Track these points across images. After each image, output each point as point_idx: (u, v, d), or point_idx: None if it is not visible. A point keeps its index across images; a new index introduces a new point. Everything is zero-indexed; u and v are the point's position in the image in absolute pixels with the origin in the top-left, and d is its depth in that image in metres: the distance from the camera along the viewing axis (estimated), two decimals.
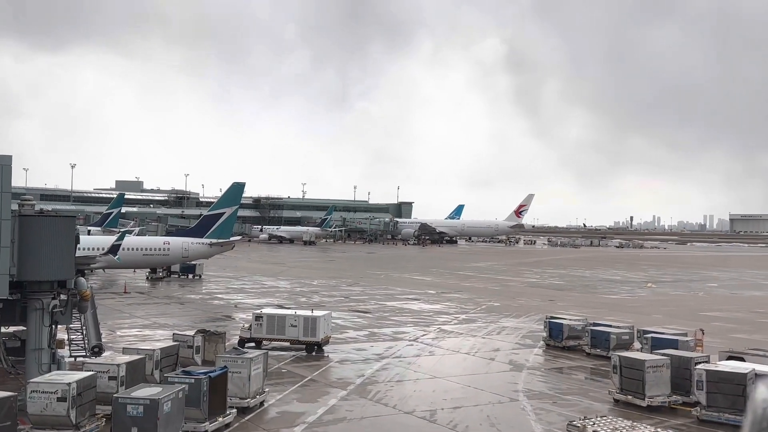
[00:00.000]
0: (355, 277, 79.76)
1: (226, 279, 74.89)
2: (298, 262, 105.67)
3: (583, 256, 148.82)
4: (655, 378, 25.97)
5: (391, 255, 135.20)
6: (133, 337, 38.15)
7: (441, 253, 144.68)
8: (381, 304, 56.11)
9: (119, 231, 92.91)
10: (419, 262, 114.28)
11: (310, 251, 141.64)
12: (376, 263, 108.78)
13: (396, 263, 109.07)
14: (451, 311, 52.79)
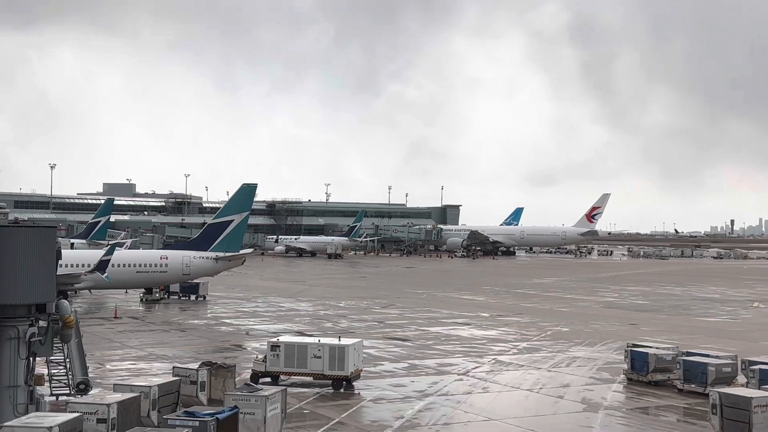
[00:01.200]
0: (390, 298, 79.74)
1: (235, 301, 75.51)
2: (321, 280, 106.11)
3: (672, 269, 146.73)
4: (764, 420, 25.48)
5: (434, 270, 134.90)
6: (126, 372, 38.63)
7: (495, 267, 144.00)
8: (423, 330, 55.99)
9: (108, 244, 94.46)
10: (469, 278, 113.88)
11: (335, 266, 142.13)
12: (416, 280, 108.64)
13: (440, 280, 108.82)
14: (510, 338, 52.43)
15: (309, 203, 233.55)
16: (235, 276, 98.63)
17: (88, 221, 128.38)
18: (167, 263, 70.96)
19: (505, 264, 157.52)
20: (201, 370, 31.15)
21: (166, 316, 63.11)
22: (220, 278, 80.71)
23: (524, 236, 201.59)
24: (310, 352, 35.46)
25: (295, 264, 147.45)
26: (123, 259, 71.03)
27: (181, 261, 70.98)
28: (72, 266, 65.51)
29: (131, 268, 70.41)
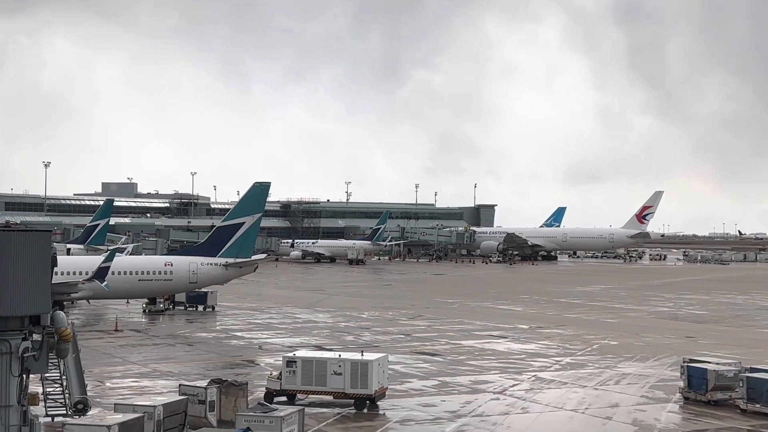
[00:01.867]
0: (418, 308, 79.68)
1: (247, 311, 75.82)
2: (341, 288, 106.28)
3: (734, 275, 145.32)
4: None
5: (467, 277, 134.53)
6: (128, 390, 38.91)
7: (535, 274, 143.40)
8: (454, 343, 55.87)
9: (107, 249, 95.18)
10: (505, 285, 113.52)
11: (357, 273, 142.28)
12: (446, 288, 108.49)
13: (474, 288, 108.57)
14: (551, 353, 52.17)
15: (327, 203, 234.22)
16: (247, 284, 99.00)
17: (86, 224, 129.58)
18: (172, 270, 71.38)
19: (546, 270, 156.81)
20: (210, 389, 31.29)
21: (172, 329, 63.48)
22: (230, 287, 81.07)
23: (567, 239, 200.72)
24: (330, 368, 35.50)
25: (312, 271, 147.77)
26: (124, 266, 71.57)
27: (187, 268, 71.37)
28: (68, 274, 66.08)
29: (133, 276, 70.92)
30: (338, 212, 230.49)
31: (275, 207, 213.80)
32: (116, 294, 69.96)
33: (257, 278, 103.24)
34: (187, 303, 75.89)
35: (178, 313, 73.61)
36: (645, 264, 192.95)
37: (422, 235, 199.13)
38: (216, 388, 31.55)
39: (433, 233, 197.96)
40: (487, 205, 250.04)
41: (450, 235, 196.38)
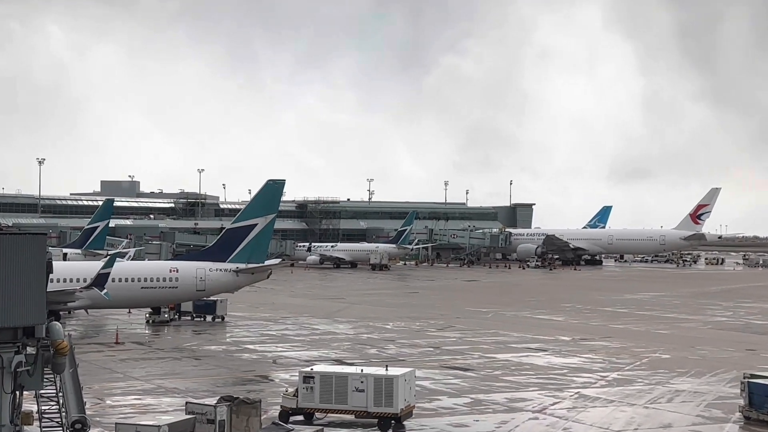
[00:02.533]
0: (448, 318, 79.61)
1: (259, 322, 76.08)
2: (364, 296, 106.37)
3: None
4: None
5: (502, 283, 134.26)
6: (130, 408, 39.16)
7: (578, 280, 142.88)
8: (489, 357, 55.77)
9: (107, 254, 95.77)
10: (545, 293, 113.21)
11: (381, 279, 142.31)
12: (480, 296, 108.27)
13: (510, 295, 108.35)
14: (596, 367, 51.96)
15: (348, 203, 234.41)
16: (260, 292, 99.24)
17: (84, 227, 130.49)
18: (178, 277, 71.70)
19: (590, 276, 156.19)
20: (220, 407, 31.40)
21: (177, 341, 63.79)
22: (241, 295, 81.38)
23: (613, 241, 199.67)
24: (351, 384, 35.53)
25: (331, 277, 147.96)
26: (125, 272, 71.97)
27: (194, 274, 71.66)
28: (65, 281, 66.58)
29: (135, 283, 71.33)
30: (359, 212, 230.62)
31: (290, 207, 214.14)
32: (117, 303, 70.40)
33: (271, 285, 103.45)
34: (194, 313, 76.21)
35: (184, 324, 73.98)
36: (700, 269, 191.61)
37: (452, 237, 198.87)
38: (226, 406, 31.66)
39: (465, 235, 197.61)
40: (524, 204, 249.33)
41: (483, 238, 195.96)
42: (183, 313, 76.44)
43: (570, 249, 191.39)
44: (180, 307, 76.10)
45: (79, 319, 76.81)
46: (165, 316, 74.39)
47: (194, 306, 75.99)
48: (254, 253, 72.88)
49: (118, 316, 77.34)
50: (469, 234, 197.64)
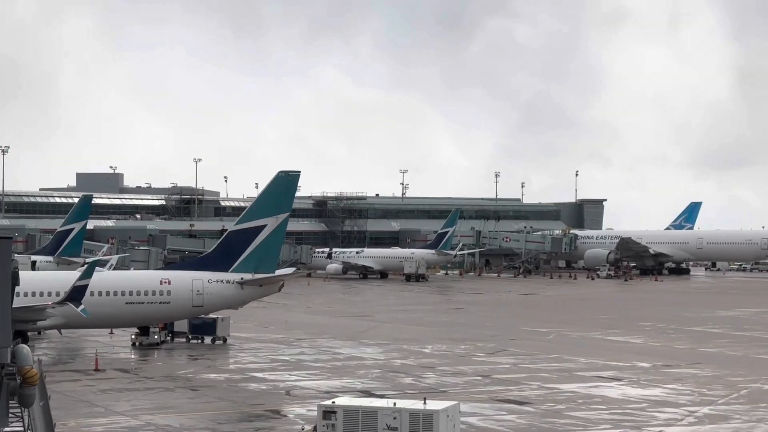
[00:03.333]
0: (501, 340, 79.40)
1: (269, 345, 76.22)
2: (396, 314, 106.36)
3: None
4: None
5: (565, 297, 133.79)
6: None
7: (659, 293, 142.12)
8: (550, 387, 55.53)
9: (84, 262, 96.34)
10: (619, 308, 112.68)
11: (417, 292, 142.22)
12: (539, 312, 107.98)
13: (576, 312, 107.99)
14: (683, 400, 51.59)
15: (376, 199, 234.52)
16: (270, 308, 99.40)
17: (56, 229, 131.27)
18: (170, 290, 71.92)
19: (674, 288, 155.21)
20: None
21: (170, 368, 64.00)
22: (247, 311, 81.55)
23: (703, 246, 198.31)
24: (382, 420, 35.51)
25: (356, 290, 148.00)
26: (106, 284, 72.22)
27: (190, 287, 71.87)
28: (34, 295, 66.97)
29: (118, 298, 71.58)
30: (391, 211, 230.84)
31: (306, 204, 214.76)
32: (97, 322, 70.69)
33: (283, 300, 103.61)
34: (190, 333, 76.44)
35: (178, 347, 74.22)
36: None
37: (505, 240, 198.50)
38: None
39: (520, 238, 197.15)
40: (592, 200, 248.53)
41: (543, 241, 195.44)
42: (176, 334, 76.65)
43: (649, 255, 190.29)
44: (173, 326, 76.34)
45: (51, 341, 77.27)
46: (155, 337, 74.54)
47: (190, 325, 76.19)
48: (263, 261, 72.98)
49: (97, 338, 77.71)
50: (525, 237, 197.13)
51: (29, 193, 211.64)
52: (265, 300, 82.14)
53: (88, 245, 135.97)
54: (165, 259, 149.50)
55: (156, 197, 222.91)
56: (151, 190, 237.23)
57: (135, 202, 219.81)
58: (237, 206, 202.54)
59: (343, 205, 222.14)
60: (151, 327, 74.30)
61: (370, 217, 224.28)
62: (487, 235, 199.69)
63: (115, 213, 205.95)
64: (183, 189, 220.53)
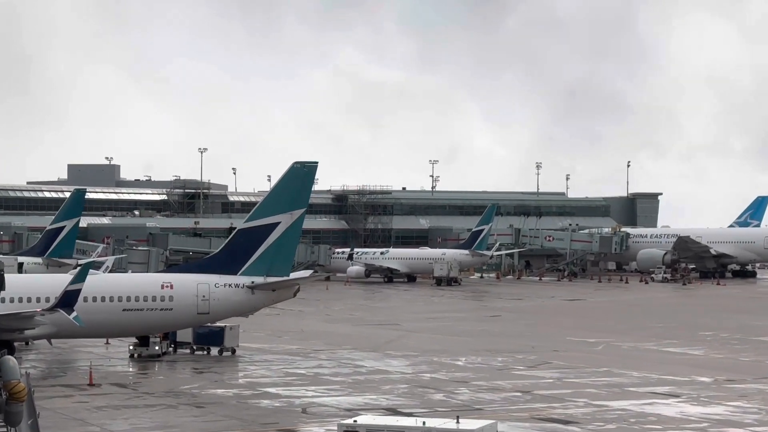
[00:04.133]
0: (542, 351, 79.20)
1: (284, 357, 76.26)
2: (425, 322, 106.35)
3: None
4: None
5: (615, 303, 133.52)
6: None
7: (722, 298, 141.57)
8: (598, 405, 55.37)
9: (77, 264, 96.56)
10: (676, 316, 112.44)
11: (449, 297, 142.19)
12: (585, 320, 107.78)
13: (628, 320, 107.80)
14: (748, 420, 51.27)
15: (403, 193, 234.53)
16: (284, 315, 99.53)
17: (46, 227, 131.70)
18: (172, 295, 72.02)
19: (739, 293, 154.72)
20: None
21: (172, 383, 64.10)
22: (258, 319, 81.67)
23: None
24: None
25: (381, 294, 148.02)
26: (101, 288, 72.32)
27: (194, 291, 71.95)
28: (20, 301, 67.16)
29: (115, 304, 71.74)
30: (419, 206, 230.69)
31: (325, 199, 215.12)
32: (91, 330, 70.73)
33: (299, 306, 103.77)
34: (195, 344, 76.47)
35: (181, 359, 74.34)
36: None
37: (547, 240, 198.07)
38: None
39: (565, 237, 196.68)
40: (646, 194, 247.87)
41: (590, 240, 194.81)
42: (179, 345, 76.75)
43: (711, 256, 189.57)
44: (175, 336, 76.47)
45: (40, 352, 77.52)
46: (155, 348, 74.71)
47: (195, 335, 76.31)
48: (276, 263, 72.99)
49: (92, 349, 77.88)
50: (570, 235, 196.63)
51: (15, 186, 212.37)
52: (279, 306, 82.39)
53: (81, 245, 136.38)
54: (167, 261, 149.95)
55: (156, 191, 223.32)
56: (150, 183, 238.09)
57: (133, 197, 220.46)
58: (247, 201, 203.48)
59: (366, 200, 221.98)
60: (151, 336, 74.51)
61: (396, 214, 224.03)
62: (527, 234, 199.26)
63: (111, 209, 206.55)
64: (186, 182, 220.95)
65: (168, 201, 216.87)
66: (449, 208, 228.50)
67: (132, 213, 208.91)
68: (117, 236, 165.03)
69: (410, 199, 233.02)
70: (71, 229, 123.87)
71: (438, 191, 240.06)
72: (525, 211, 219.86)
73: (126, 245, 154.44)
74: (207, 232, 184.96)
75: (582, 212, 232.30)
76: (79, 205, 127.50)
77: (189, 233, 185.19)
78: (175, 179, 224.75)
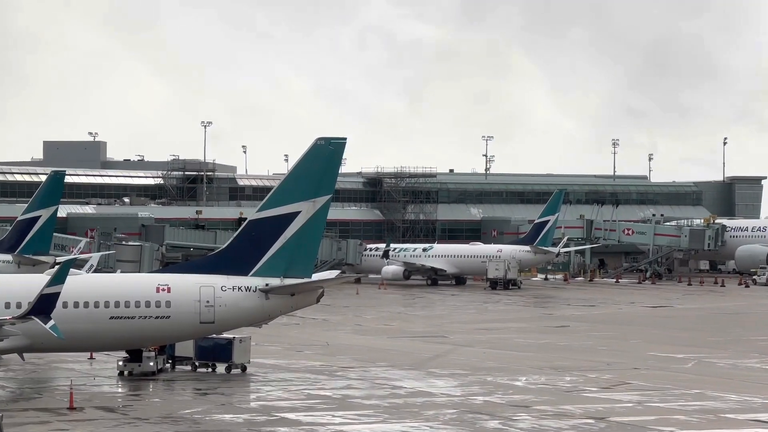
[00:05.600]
0: (620, 369, 79.17)
1: (305, 375, 76.48)
2: (476, 333, 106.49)
3: None
4: None
5: (710, 310, 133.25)
6: None
7: None
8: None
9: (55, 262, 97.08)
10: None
11: (506, 304, 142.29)
12: (672, 332, 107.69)
13: (724, 332, 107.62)
14: None
15: (451, 176, 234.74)
16: (305, 325, 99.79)
17: (17, 217, 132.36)
18: (170, 300, 72.19)
19: None
20: None
21: (170, 406, 64.38)
22: (274, 329, 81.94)
23: None
24: None
25: (423, 300, 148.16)
26: (85, 292, 72.55)
27: (196, 296, 72.10)
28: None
29: (100, 311, 71.87)
30: (470, 193, 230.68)
31: (355, 184, 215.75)
32: (71, 343, 70.89)
33: (323, 314, 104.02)
34: (198, 359, 76.89)
35: (180, 378, 74.68)
36: None
37: (626, 233, 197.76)
38: None
39: (647, 231, 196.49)
40: (746, 178, 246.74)
41: (678, 234, 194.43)
42: (179, 360, 77.26)
43: None
44: (173, 349, 76.89)
45: (10, 369, 77.96)
46: (149, 364, 75.07)
47: (197, 348, 76.70)
48: (295, 261, 73.05)
49: (73, 365, 78.36)
50: (654, 228, 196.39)
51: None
52: (299, 314, 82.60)
53: (59, 239, 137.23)
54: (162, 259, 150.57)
55: (150, 174, 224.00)
56: (143, 164, 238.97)
57: (122, 181, 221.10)
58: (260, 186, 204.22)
59: (405, 184, 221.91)
60: (144, 350, 74.90)
61: (442, 202, 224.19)
62: (601, 226, 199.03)
63: (96, 196, 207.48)
64: (187, 163, 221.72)
65: (164, 186, 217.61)
66: (506, 195, 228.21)
67: (121, 200, 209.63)
68: (103, 228, 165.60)
69: (459, 183, 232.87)
70: (48, 219, 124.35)
71: (493, 174, 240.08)
72: (599, 198, 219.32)
73: (114, 239, 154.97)
74: (211, 223, 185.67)
75: (668, 200, 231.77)
76: (57, 190, 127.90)
77: (190, 225, 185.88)
78: (172, 159, 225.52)
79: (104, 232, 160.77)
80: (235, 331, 75.79)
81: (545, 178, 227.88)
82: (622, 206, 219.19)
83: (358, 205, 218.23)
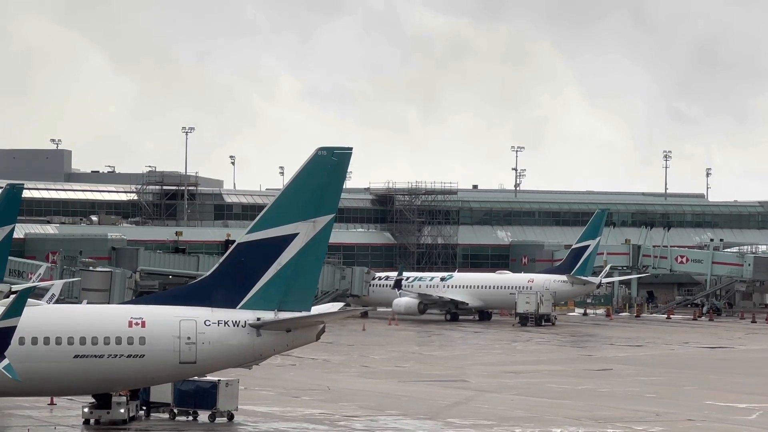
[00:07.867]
0: (671, 419, 79.26)
1: (302, 425, 76.71)
2: (504, 377, 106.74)
3: None
4: None
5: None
6: None
7: None
8: None
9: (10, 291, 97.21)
10: None
11: (539, 343, 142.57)
12: (733, 377, 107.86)
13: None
14: None
15: (474, 193, 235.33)
16: (303, 366, 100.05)
17: None
18: (144, 336, 72.41)
19: None
20: None
21: None
22: (267, 371, 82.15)
23: None
24: None
25: (441, 338, 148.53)
26: (45, 326, 72.83)
27: (176, 331, 72.31)
28: None
29: (63, 348, 72.09)
30: (495, 213, 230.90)
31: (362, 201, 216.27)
32: (29, 386, 71.17)
33: (324, 353, 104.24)
34: (176, 405, 77.10)
35: (156, 427, 74.90)
36: None
37: (678, 261, 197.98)
38: None
39: (704, 258, 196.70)
40: None
41: (740, 263, 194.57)
42: (154, 406, 77.41)
43: None
44: (148, 394, 77.04)
45: None
46: (120, 411, 75.28)
47: (176, 392, 76.84)
48: (292, 292, 73.19)
49: (30, 411, 78.57)
50: (712, 255, 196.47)
51: None
52: (296, 353, 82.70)
53: (15, 264, 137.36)
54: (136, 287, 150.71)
55: (122, 189, 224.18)
56: (114, 177, 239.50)
57: (89, 197, 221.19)
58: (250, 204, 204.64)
59: (420, 202, 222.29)
60: (114, 395, 75.07)
61: (464, 223, 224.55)
62: (650, 253, 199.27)
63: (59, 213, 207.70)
64: (165, 176, 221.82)
65: (138, 202, 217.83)
66: (539, 216, 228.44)
67: (88, 219, 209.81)
68: (66, 252, 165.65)
69: (483, 201, 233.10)
70: (2, 241, 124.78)
71: (523, 191, 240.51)
72: (647, 220, 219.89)
73: (79, 264, 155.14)
74: (193, 246, 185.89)
75: (728, 222, 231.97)
76: (14, 207, 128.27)
77: (168, 248, 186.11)
78: (148, 171, 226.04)
79: (68, 256, 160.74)
80: (221, 373, 75.98)
81: (584, 196, 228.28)
82: (674, 229, 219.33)
83: (366, 227, 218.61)
